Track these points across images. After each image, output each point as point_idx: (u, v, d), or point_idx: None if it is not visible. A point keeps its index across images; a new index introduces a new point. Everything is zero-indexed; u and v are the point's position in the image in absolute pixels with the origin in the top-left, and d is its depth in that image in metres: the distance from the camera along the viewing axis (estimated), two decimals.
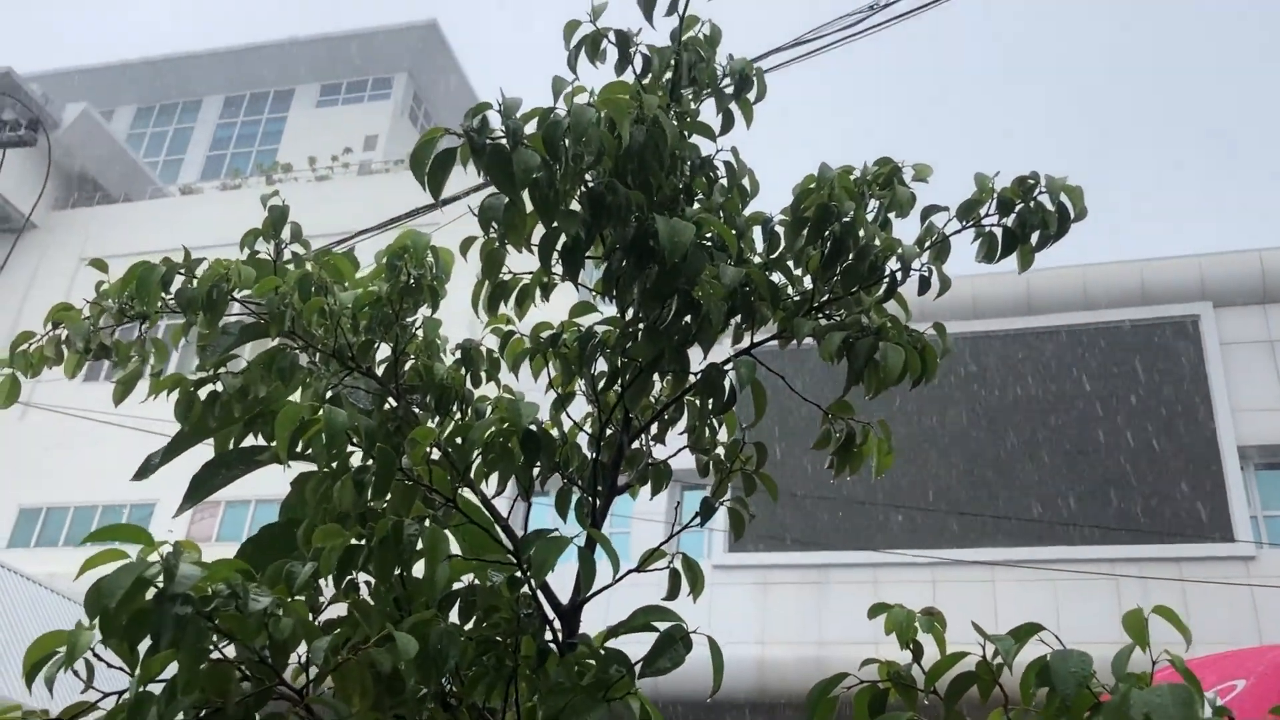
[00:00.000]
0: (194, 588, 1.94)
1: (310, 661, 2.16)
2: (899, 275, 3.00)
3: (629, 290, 2.81)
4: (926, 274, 3.02)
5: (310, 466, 2.77)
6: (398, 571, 2.49)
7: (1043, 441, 17.28)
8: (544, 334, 3.19)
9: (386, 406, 3.03)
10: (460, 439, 2.69)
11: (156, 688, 2.20)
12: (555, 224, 2.66)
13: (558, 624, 2.77)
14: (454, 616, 2.62)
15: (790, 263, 3.13)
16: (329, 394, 2.83)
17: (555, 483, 3.14)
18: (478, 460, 2.74)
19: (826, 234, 2.96)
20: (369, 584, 2.61)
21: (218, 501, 25.10)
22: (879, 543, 16.61)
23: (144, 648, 2.06)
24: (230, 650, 2.15)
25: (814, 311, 3.08)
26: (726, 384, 2.97)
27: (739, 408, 3.15)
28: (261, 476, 3.40)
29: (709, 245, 2.81)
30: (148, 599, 1.95)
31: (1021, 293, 17.62)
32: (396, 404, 3.00)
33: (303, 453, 2.68)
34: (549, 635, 2.68)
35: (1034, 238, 2.94)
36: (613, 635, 2.50)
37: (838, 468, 3.06)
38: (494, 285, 3.05)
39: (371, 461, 2.47)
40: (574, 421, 3.22)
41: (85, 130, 33.29)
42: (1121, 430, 17.05)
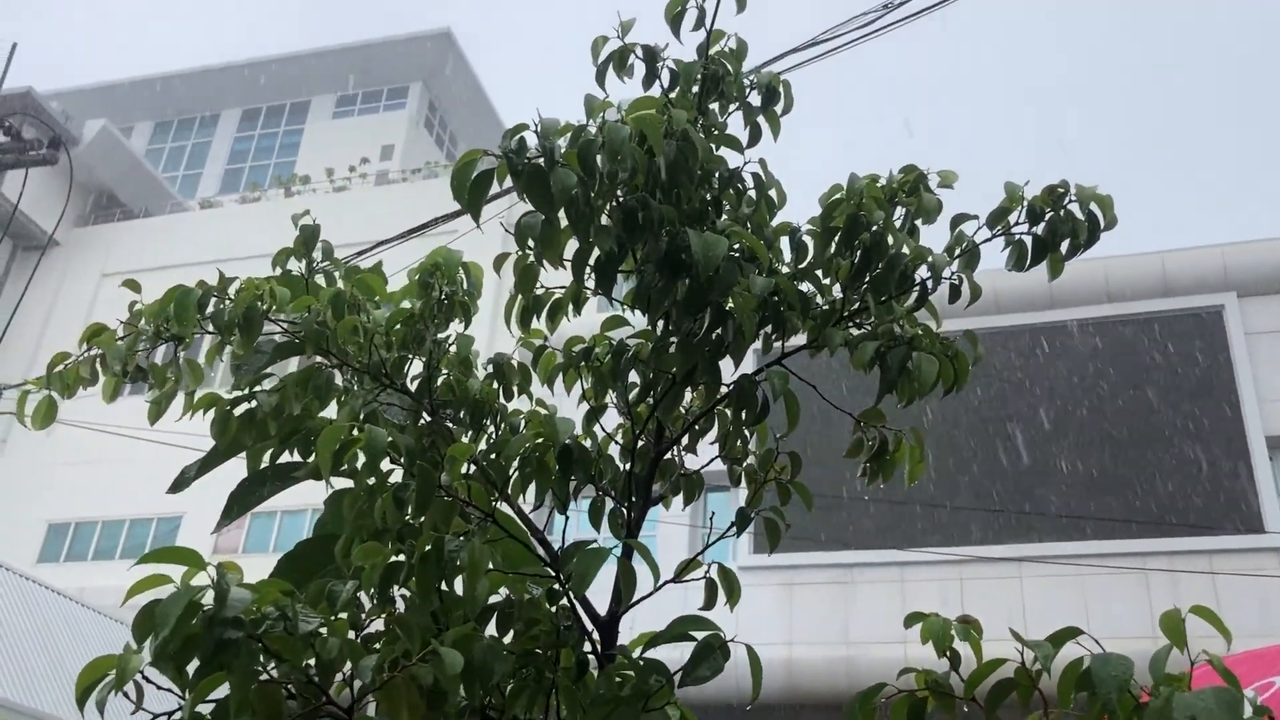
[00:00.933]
0: (243, 611, 1.97)
1: (356, 678, 2.19)
2: (929, 284, 3.01)
3: (661, 303, 2.83)
4: (957, 282, 3.02)
5: (344, 482, 2.80)
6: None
7: (1068, 436, 17.21)
8: (576, 348, 3.21)
9: (420, 422, 3.06)
10: (497, 454, 2.71)
11: (204, 707, 2.23)
12: (590, 239, 2.69)
13: (595, 635, 2.79)
14: (490, 629, 2.65)
15: (819, 272, 3.15)
16: (364, 412, 2.86)
17: (587, 493, 3.16)
18: (515, 475, 2.77)
19: (856, 243, 2.97)
20: (404, 597, 2.64)
21: None
22: (905, 541, 16.56)
23: (191, 667, 2.09)
24: (274, 668, 2.18)
25: (844, 321, 3.09)
26: (759, 395, 2.99)
27: (768, 415, 3.16)
28: (288, 489, 3.44)
29: (738, 256, 2.83)
30: (195, 622, 1.97)
31: (1043, 287, 17.54)
32: (430, 419, 3.03)
33: (338, 470, 2.71)
34: (587, 646, 2.70)
35: (1064, 246, 2.95)
36: (652, 645, 2.51)
37: (870, 476, 3.07)
38: (527, 300, 3.07)
39: (410, 478, 2.49)
40: (606, 433, 3.24)
41: (104, 147, 33.58)
42: (1147, 423, 16.96)
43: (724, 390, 3.05)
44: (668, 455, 3.21)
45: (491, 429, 3.12)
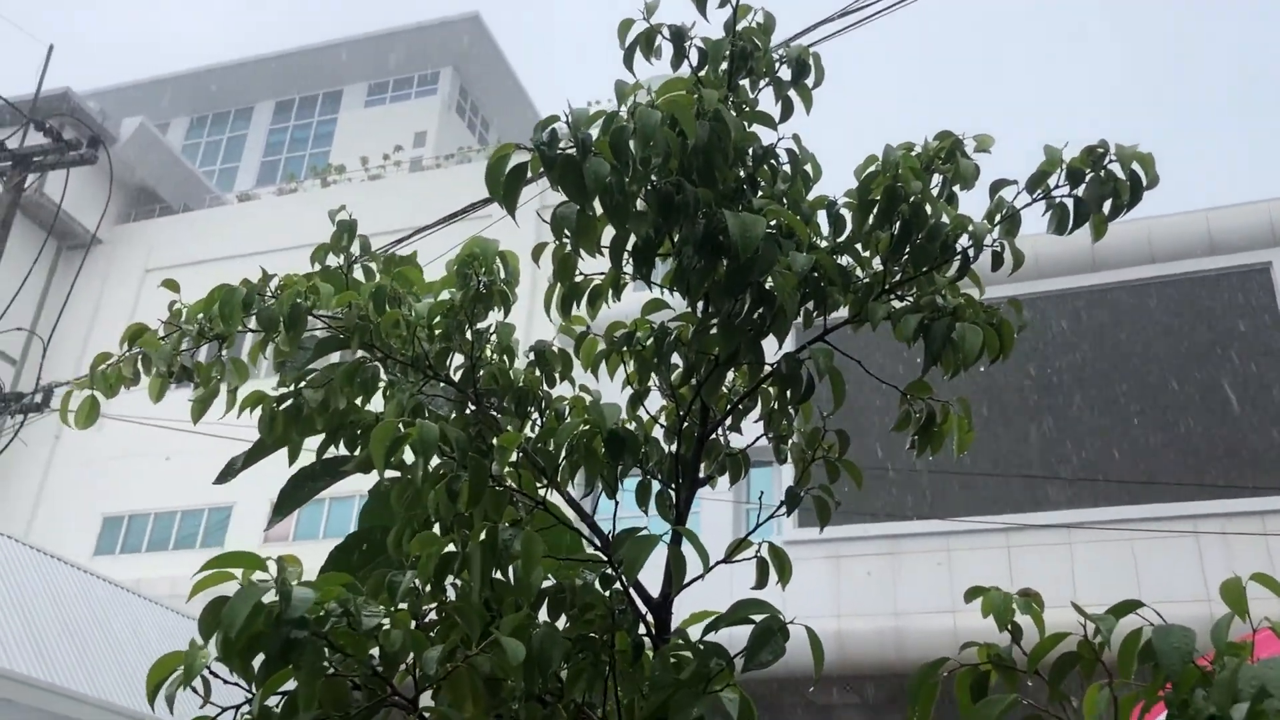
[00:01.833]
0: (308, 609, 2.00)
1: (418, 668, 2.21)
2: (971, 252, 2.98)
3: (700, 285, 2.82)
4: (999, 249, 2.99)
5: (390, 472, 2.82)
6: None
7: (1115, 399, 17.00)
8: (618, 333, 3.21)
9: (466, 411, 3.08)
10: (545, 442, 2.72)
11: (267, 700, 2.27)
12: (626, 226, 2.68)
13: (649, 618, 2.80)
14: (543, 614, 2.67)
15: (859, 245, 3.12)
16: (410, 404, 2.88)
17: (634, 474, 3.16)
18: (563, 462, 2.78)
19: (895, 216, 2.95)
20: (455, 585, 2.66)
21: None
22: (950, 511, 16.47)
23: (257, 661, 2.12)
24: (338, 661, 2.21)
25: (886, 294, 3.06)
26: (804, 374, 2.97)
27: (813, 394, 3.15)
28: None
29: (776, 234, 2.81)
30: (261, 621, 2.00)
31: (1084, 249, 17.29)
32: (475, 408, 3.05)
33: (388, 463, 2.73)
34: (641, 630, 2.71)
35: (1106, 207, 2.90)
36: (712, 629, 2.51)
37: (919, 448, 3.05)
38: (566, 289, 3.08)
39: (461, 469, 2.51)
40: (650, 415, 3.24)
41: (142, 144, 33.95)
42: (1195, 384, 16.72)
43: (767, 369, 3.04)
44: (713, 435, 3.20)
45: (536, 416, 3.13)
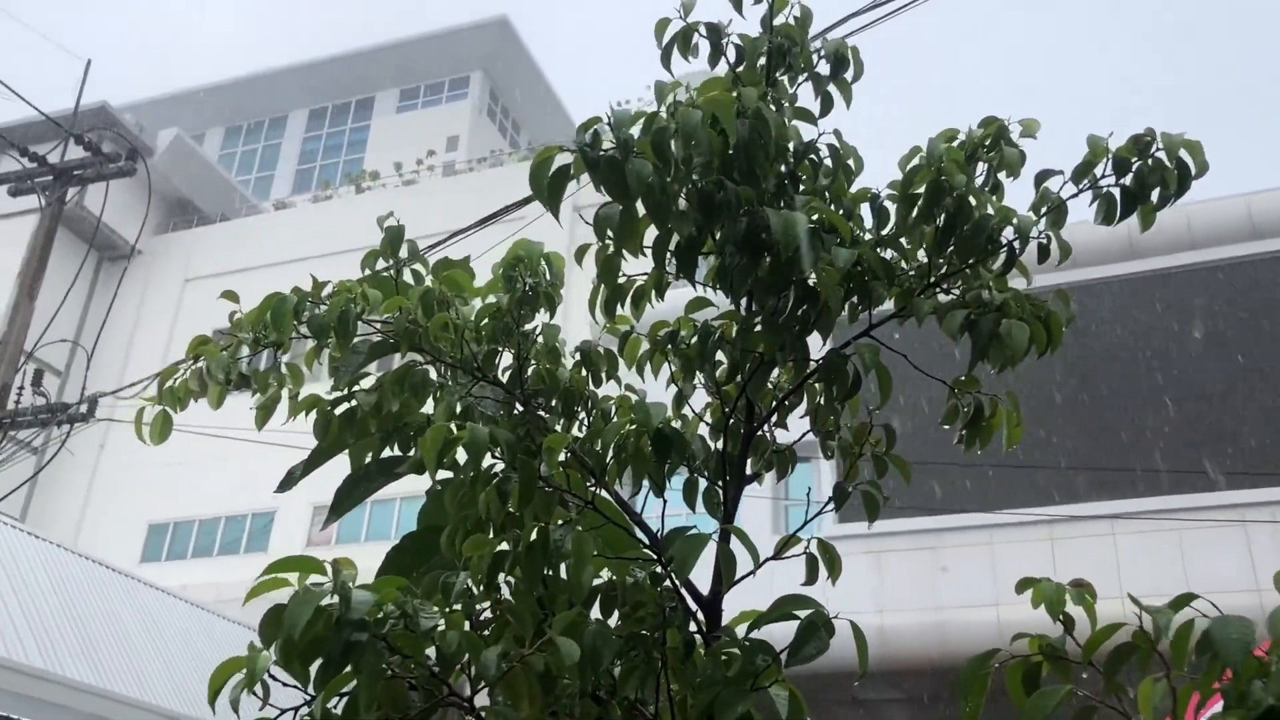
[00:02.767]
0: (366, 612, 2.03)
1: (473, 666, 2.24)
2: (1016, 245, 2.97)
3: (743, 283, 2.83)
4: (1045, 241, 2.98)
5: (442, 474, 2.85)
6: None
7: (1159, 388, 16.81)
8: (661, 332, 3.22)
9: (514, 412, 3.11)
10: (592, 442, 2.75)
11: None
12: (668, 226, 2.70)
13: (699, 615, 2.82)
14: (594, 612, 2.69)
15: (902, 239, 3.12)
16: (460, 406, 2.91)
17: (681, 471, 3.17)
18: (610, 462, 2.80)
19: (939, 209, 2.94)
20: (508, 584, 2.69)
21: None
22: (992, 503, 16.35)
23: (314, 664, 2.16)
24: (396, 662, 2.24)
25: (931, 288, 3.06)
26: (849, 369, 2.98)
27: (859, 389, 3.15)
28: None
29: (818, 229, 2.82)
30: (321, 625, 2.04)
31: (1123, 237, 17.10)
32: (523, 409, 3.08)
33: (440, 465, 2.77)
34: (692, 626, 2.73)
35: (1154, 196, 2.89)
36: (757, 626, 2.53)
37: (967, 442, 3.05)
38: (610, 290, 3.10)
39: (511, 471, 2.54)
40: (695, 413, 3.25)
41: (178, 155, 34.37)
42: (1241, 371, 16.49)
43: (812, 365, 3.05)
44: (759, 432, 3.21)
45: (583, 416, 3.15)
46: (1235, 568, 14.19)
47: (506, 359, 3.14)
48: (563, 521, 2.56)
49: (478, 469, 2.60)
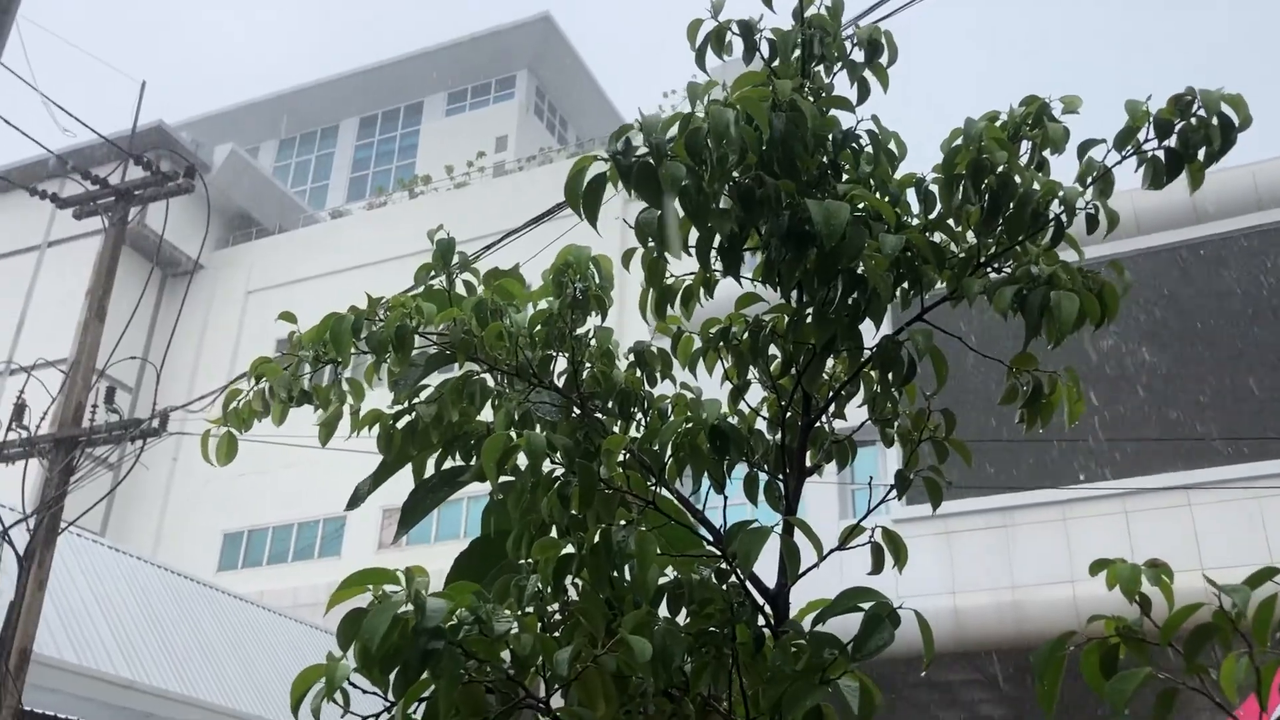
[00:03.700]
0: (441, 619, 2.08)
1: (548, 668, 2.28)
2: (1064, 218, 2.93)
3: (791, 276, 2.84)
4: (1092, 211, 2.94)
5: (504, 478, 2.89)
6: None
7: (1235, 354, 16.43)
8: (713, 329, 3.24)
9: (571, 416, 3.14)
10: (650, 442, 2.77)
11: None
12: (709, 225, 2.71)
13: (766, 609, 2.83)
14: (662, 611, 2.71)
15: (950, 221, 3.10)
16: (519, 413, 2.95)
17: (741, 467, 3.18)
18: (669, 461, 2.82)
19: (983, 188, 2.92)
20: (576, 585, 2.72)
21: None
22: (1063, 479, 16.11)
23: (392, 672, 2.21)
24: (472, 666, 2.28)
25: (980, 267, 3.04)
26: (904, 355, 2.97)
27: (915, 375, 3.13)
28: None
29: (864, 217, 2.81)
30: (399, 634, 2.09)
31: (1185, 201, 16.74)
32: (580, 412, 3.11)
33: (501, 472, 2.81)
34: (760, 621, 2.74)
35: (1200, 155, 2.84)
36: (822, 619, 2.53)
37: (1028, 421, 3.02)
38: (658, 292, 3.12)
39: (571, 475, 2.57)
40: (751, 408, 3.26)
41: (234, 170, 34.97)
42: None
43: (867, 353, 3.04)
44: (817, 423, 3.21)
45: (640, 416, 3.18)
46: None
47: (561, 364, 3.17)
48: (625, 522, 2.58)
49: (538, 474, 2.64)
